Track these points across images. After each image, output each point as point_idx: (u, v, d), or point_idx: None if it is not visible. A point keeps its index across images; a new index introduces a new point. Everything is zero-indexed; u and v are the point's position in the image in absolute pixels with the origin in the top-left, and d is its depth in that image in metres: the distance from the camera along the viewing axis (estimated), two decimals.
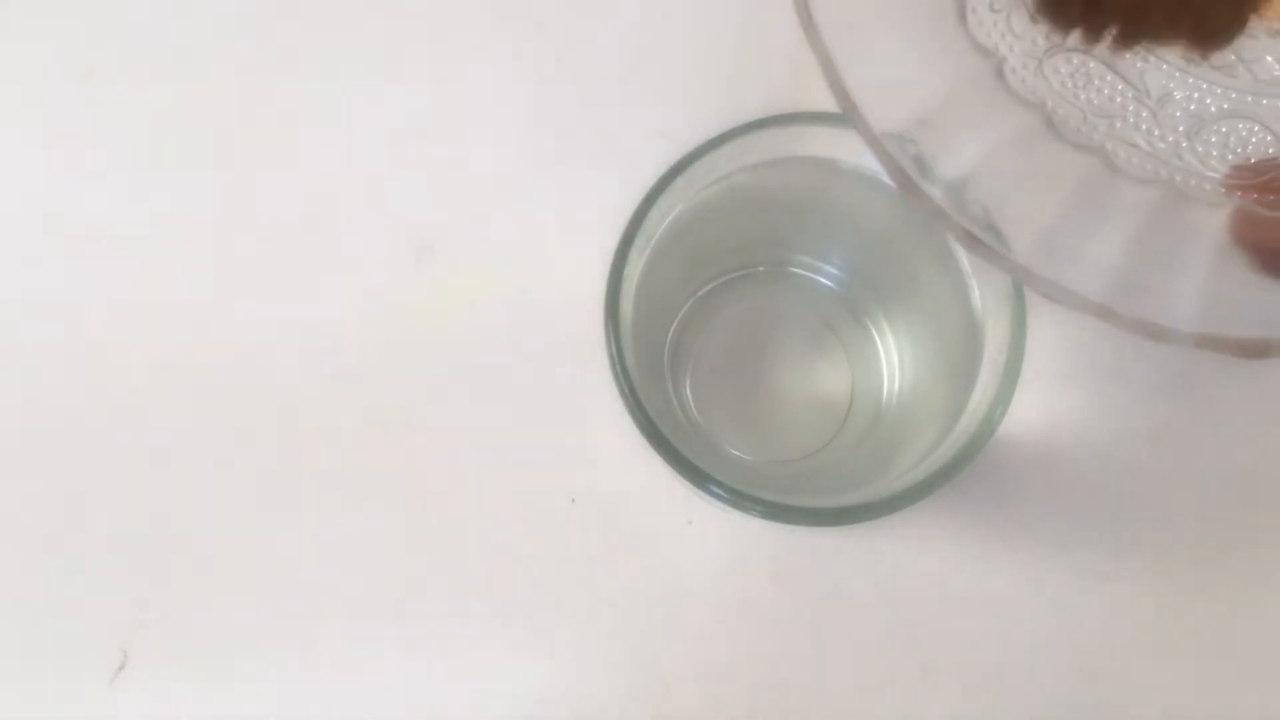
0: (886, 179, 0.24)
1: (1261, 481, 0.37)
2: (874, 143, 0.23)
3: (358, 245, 0.39)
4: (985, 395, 0.32)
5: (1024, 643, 0.36)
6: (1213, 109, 0.25)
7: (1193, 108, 0.25)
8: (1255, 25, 0.25)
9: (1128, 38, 0.25)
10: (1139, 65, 0.26)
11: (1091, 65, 0.26)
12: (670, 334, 0.39)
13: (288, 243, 0.39)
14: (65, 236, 0.39)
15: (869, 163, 0.29)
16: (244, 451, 0.38)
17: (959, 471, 0.31)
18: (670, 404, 0.37)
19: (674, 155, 0.32)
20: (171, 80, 0.40)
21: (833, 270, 0.39)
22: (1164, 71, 0.26)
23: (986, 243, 0.23)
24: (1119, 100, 0.26)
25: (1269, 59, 0.25)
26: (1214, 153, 0.25)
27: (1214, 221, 0.24)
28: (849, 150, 0.32)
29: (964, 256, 0.33)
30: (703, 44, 0.39)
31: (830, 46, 0.23)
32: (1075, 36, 0.26)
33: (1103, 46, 0.26)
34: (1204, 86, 0.26)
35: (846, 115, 0.23)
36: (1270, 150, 0.24)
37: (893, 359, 0.39)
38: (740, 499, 0.31)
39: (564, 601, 0.37)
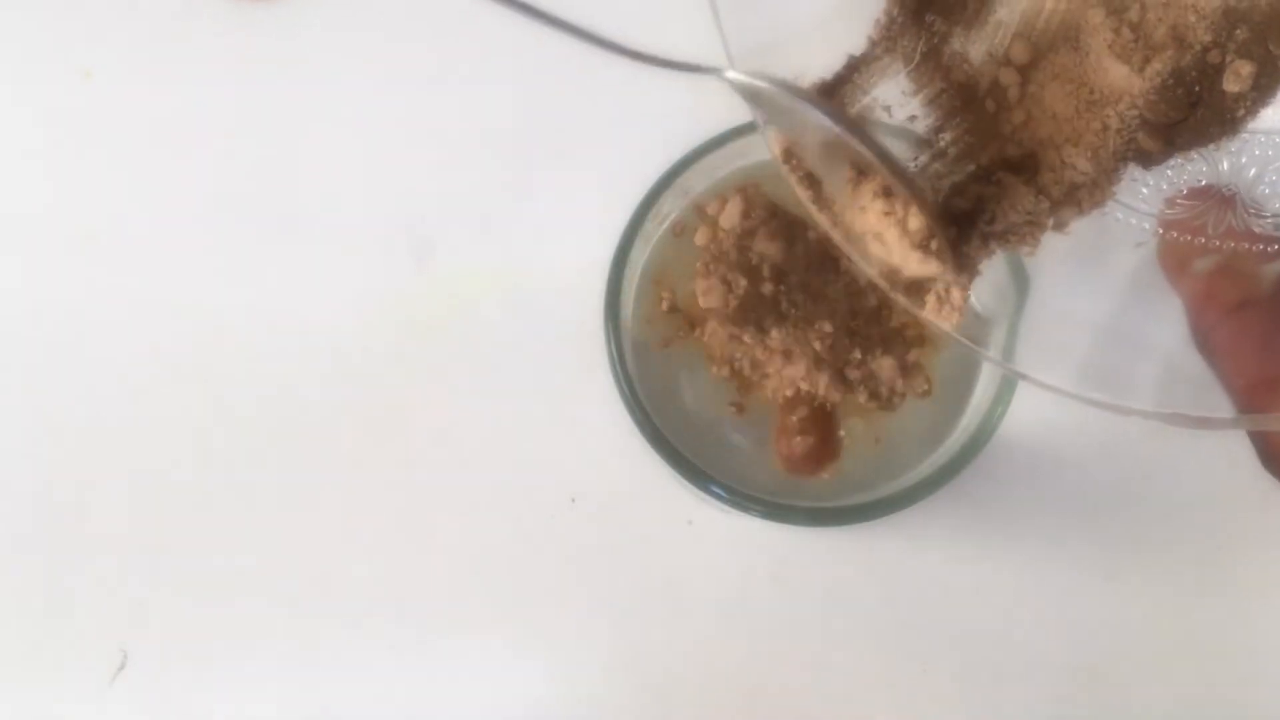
0: None
1: (1261, 481, 0.37)
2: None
3: (358, 245, 0.39)
4: (985, 395, 0.32)
5: (1024, 642, 0.36)
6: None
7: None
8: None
9: None
10: None
11: None
12: None
13: (288, 243, 0.39)
14: (65, 236, 0.39)
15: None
16: (243, 451, 0.38)
17: (959, 471, 0.31)
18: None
19: (674, 155, 0.32)
20: (171, 80, 0.40)
21: None
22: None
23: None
24: None
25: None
26: (1149, 182, 0.24)
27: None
28: None
29: None
30: (703, 44, 0.39)
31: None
32: None
33: None
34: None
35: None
36: (1203, 181, 0.24)
37: None
38: (740, 499, 0.31)
39: (564, 601, 0.37)
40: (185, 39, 0.40)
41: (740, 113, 0.32)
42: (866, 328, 0.33)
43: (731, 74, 0.21)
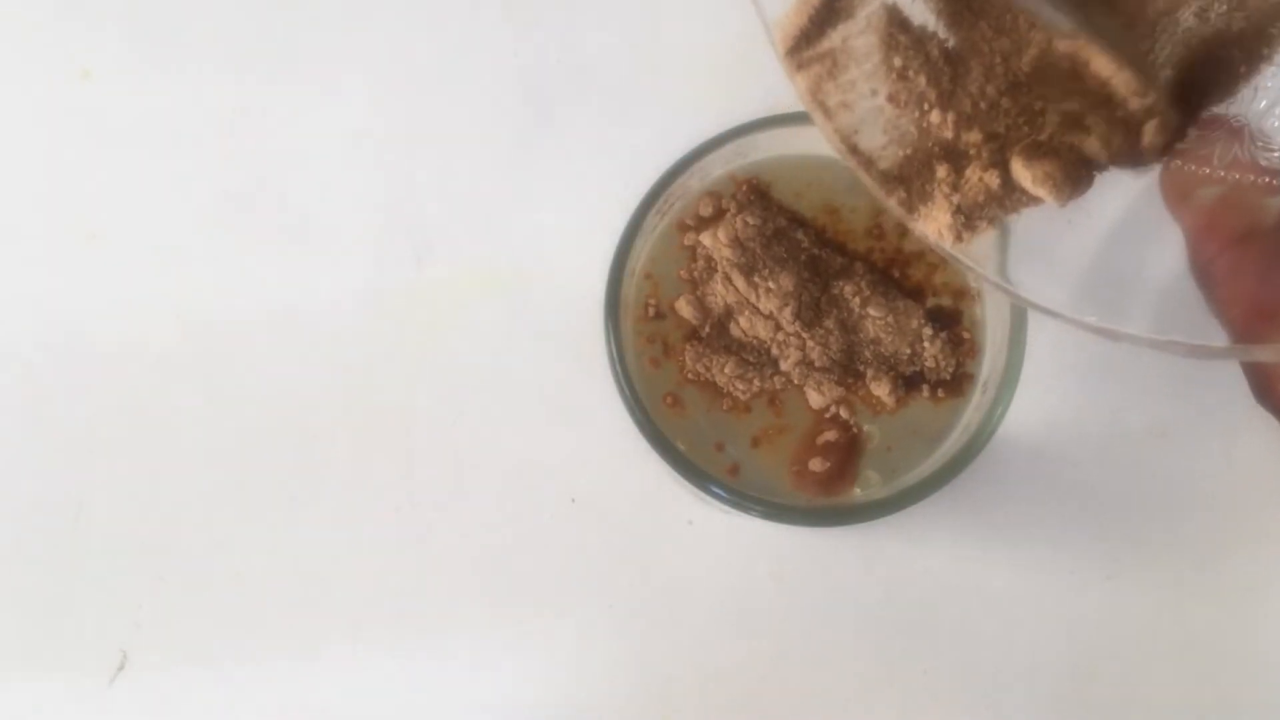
0: None
1: (1261, 481, 0.37)
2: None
3: (358, 245, 0.39)
4: (985, 395, 0.32)
5: (1024, 643, 0.36)
6: None
7: None
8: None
9: None
10: None
11: None
12: None
13: (287, 243, 0.39)
14: (65, 237, 0.39)
15: None
16: (243, 452, 0.38)
17: (959, 471, 0.31)
18: None
19: (674, 155, 0.32)
20: (171, 80, 0.40)
21: None
22: None
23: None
24: None
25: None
26: None
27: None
28: None
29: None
30: (703, 44, 0.39)
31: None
32: None
33: None
34: None
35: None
36: (1212, 110, 0.24)
37: None
38: (740, 499, 0.31)
39: (564, 601, 0.37)
40: (185, 39, 0.40)
41: (739, 113, 0.32)
42: (904, 318, 0.32)
43: None
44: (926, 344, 0.32)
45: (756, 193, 0.33)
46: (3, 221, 0.40)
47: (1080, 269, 0.24)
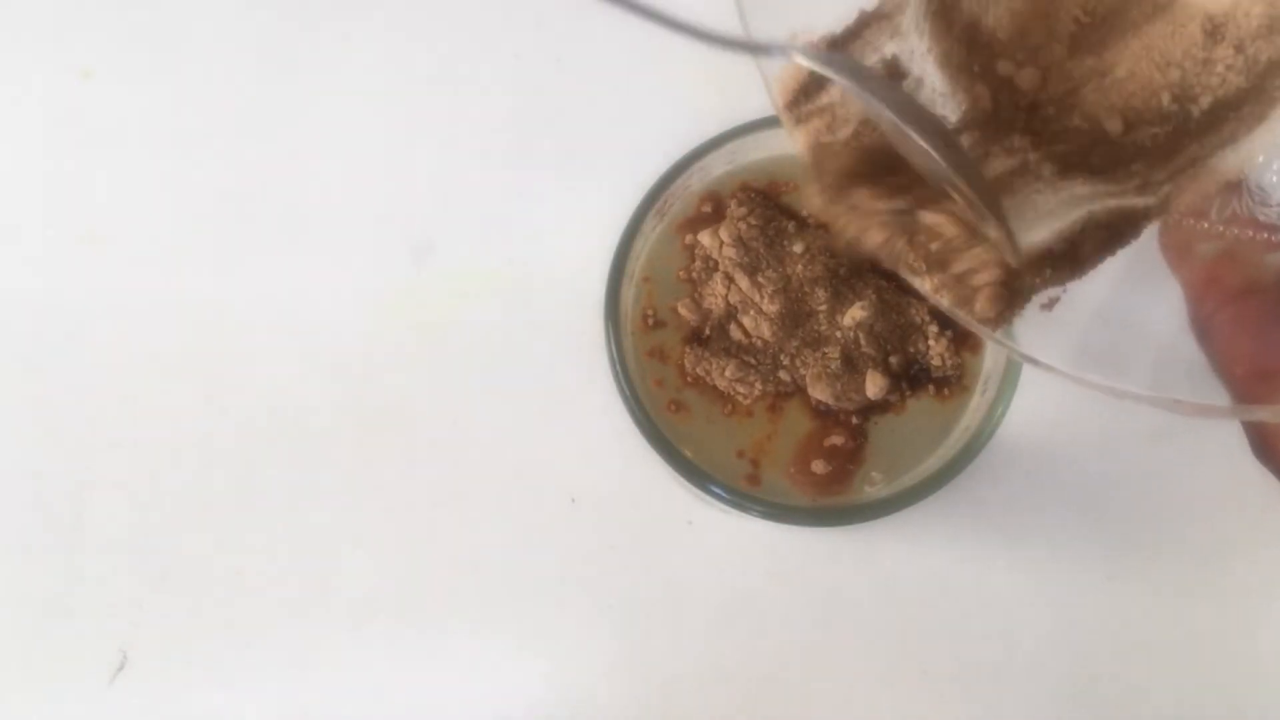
0: None
1: (1261, 481, 0.37)
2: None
3: (358, 245, 0.39)
4: (985, 395, 0.32)
5: (1024, 643, 0.36)
6: None
7: None
8: None
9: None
10: None
11: None
12: None
13: (287, 243, 0.39)
14: (65, 236, 0.39)
15: None
16: (243, 451, 0.38)
17: (959, 471, 0.31)
18: None
19: (674, 155, 0.32)
20: (171, 81, 0.40)
21: None
22: None
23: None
24: None
25: None
26: None
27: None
28: None
29: None
30: (702, 44, 0.39)
31: None
32: None
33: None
34: None
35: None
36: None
37: None
38: (740, 499, 0.31)
39: (564, 601, 0.37)
40: (185, 39, 0.40)
41: (739, 113, 0.32)
42: (908, 316, 0.32)
43: (800, 57, 0.21)
44: (931, 341, 0.32)
45: (758, 192, 0.33)
46: (3, 221, 0.40)
47: (1081, 328, 0.24)
